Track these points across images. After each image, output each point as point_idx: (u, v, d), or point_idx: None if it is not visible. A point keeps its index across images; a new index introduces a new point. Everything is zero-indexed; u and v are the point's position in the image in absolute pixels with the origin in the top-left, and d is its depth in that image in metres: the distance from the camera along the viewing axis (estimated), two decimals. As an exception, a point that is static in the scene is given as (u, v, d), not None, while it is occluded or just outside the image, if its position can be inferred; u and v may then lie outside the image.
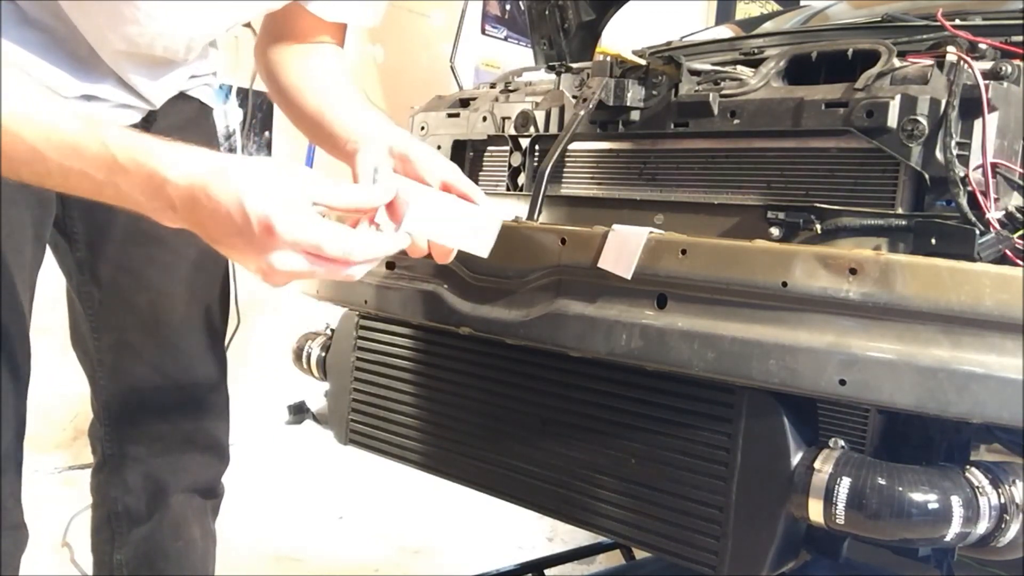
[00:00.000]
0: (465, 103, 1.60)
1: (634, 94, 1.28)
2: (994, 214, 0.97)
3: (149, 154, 0.82)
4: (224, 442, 1.43)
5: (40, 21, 1.05)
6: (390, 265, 1.34)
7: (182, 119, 1.29)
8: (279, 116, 3.56)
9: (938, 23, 1.16)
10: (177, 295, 1.34)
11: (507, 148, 1.49)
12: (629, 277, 1.03)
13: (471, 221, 0.98)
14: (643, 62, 1.29)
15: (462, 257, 1.01)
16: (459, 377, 1.32)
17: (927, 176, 1.02)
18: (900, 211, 1.04)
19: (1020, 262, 0.94)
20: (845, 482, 0.93)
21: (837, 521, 0.93)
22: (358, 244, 0.85)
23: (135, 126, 1.21)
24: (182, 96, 1.29)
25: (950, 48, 1.04)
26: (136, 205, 0.85)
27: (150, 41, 1.09)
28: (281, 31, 1.24)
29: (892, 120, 1.03)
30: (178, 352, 1.36)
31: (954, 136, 0.99)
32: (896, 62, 1.09)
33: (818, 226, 1.04)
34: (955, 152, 0.99)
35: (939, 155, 1.01)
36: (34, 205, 1.14)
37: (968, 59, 1.02)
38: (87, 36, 1.08)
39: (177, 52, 1.15)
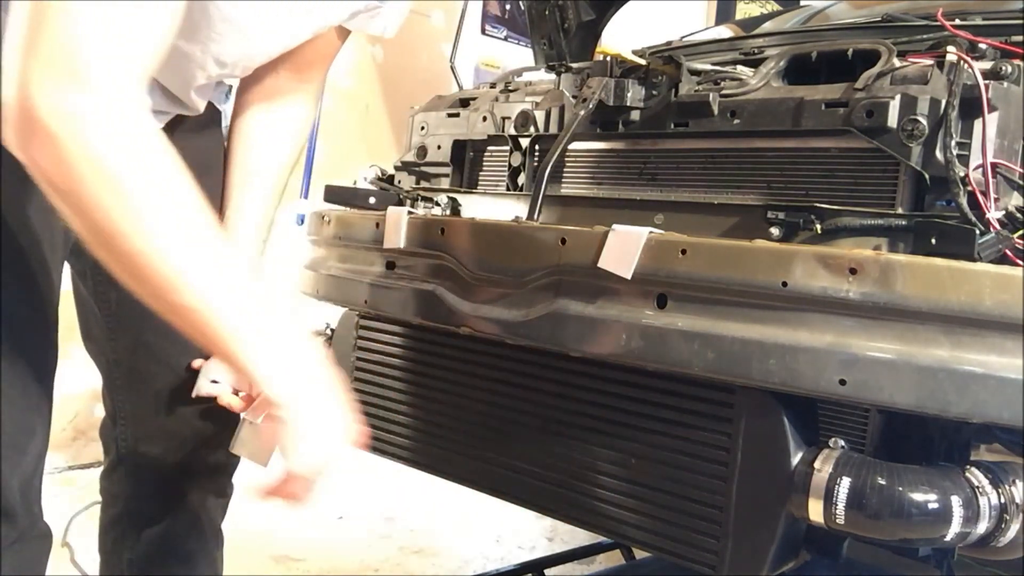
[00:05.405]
0: (465, 103, 1.59)
1: (634, 94, 1.28)
2: (994, 214, 0.97)
3: (255, 366, 0.92)
4: None
5: None
6: (390, 265, 1.34)
7: (201, 120, 1.30)
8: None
9: (938, 23, 1.16)
10: None
11: (507, 148, 1.48)
12: (629, 277, 1.02)
13: None
14: (643, 62, 1.29)
15: (462, 256, 1.01)
16: (459, 377, 1.32)
17: (927, 176, 1.02)
18: (900, 211, 1.04)
19: (1020, 262, 0.94)
20: (845, 482, 0.93)
21: (837, 521, 0.93)
22: None
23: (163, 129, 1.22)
24: None
25: (950, 48, 1.04)
26: None
27: (230, 71, 1.17)
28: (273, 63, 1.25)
29: (892, 120, 1.03)
30: (195, 352, 1.35)
31: (954, 136, 0.99)
32: (896, 62, 1.08)
33: (818, 226, 1.04)
34: (955, 152, 0.99)
35: (939, 155, 1.01)
36: None
37: (968, 59, 1.02)
38: (172, 84, 1.14)
39: (234, 70, 1.19)
